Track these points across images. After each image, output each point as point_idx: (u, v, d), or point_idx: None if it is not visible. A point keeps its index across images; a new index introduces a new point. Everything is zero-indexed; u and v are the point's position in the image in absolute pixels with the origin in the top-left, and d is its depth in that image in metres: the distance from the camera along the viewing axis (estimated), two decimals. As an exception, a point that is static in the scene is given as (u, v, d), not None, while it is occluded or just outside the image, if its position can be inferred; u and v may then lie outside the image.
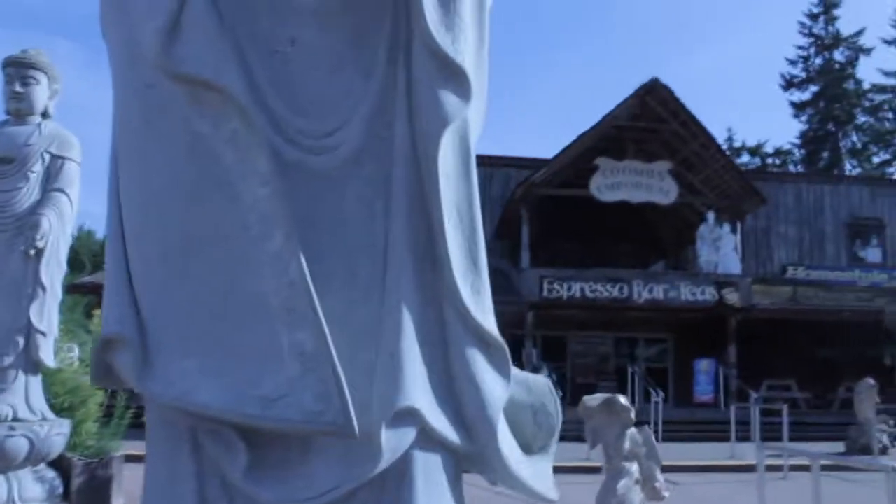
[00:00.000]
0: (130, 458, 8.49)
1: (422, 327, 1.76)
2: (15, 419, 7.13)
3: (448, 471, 1.82)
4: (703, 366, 21.82)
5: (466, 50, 1.87)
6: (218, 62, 1.67)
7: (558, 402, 2.13)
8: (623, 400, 4.93)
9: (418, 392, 1.72)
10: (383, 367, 1.68)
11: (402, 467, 1.72)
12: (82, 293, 21.46)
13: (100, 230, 38.97)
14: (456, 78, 1.82)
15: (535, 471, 1.98)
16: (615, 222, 24.25)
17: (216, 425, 1.64)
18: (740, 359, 21.32)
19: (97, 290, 16.72)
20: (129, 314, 1.72)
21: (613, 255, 24.13)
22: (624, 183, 22.49)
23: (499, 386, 1.86)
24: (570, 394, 21.42)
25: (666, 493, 5.06)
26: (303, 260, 1.61)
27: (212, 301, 1.67)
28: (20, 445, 7.01)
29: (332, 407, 1.56)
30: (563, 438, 2.27)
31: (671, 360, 24.85)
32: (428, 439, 1.75)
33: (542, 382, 2.12)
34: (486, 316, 1.86)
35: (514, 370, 1.99)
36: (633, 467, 4.89)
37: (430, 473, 1.76)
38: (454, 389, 1.81)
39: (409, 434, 1.71)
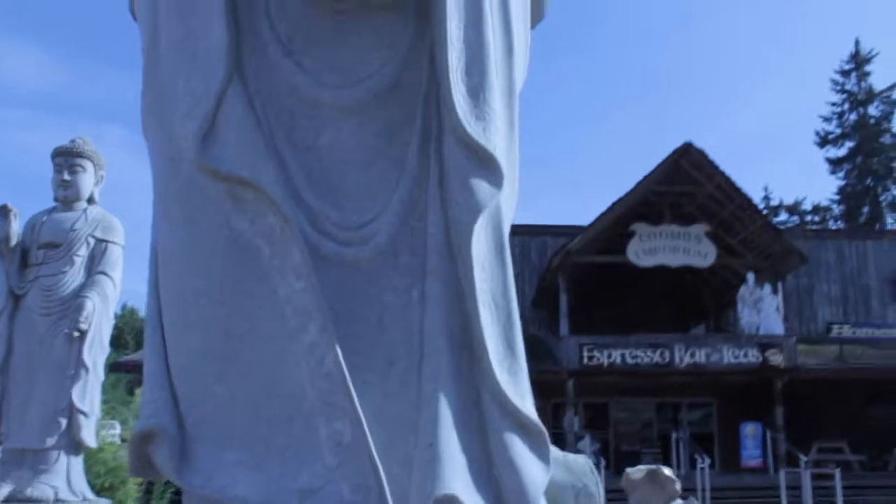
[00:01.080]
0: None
1: (459, 415, 1.76)
2: (57, 500, 7.18)
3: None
4: (750, 430, 21.27)
5: (497, 137, 1.91)
6: (254, 160, 1.73)
7: (599, 482, 2.11)
8: (668, 471, 4.83)
9: (457, 480, 1.71)
10: (421, 457, 1.68)
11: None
12: (125, 371, 21.65)
13: (142, 308, 39.49)
14: (488, 166, 1.86)
15: (578, 557, 1.95)
16: (654, 287, 24.06)
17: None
18: (788, 421, 20.75)
19: (139, 368, 16.88)
20: (167, 407, 1.75)
21: (653, 320, 23.85)
22: (661, 247, 22.39)
23: (539, 470, 1.84)
24: (614, 462, 20.98)
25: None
26: (339, 351, 1.63)
27: (250, 396, 1.69)
28: (63, 528, 7.02)
29: (371, 498, 1.56)
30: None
31: (716, 425, 24.25)
32: (468, 528, 1.73)
33: (581, 462, 2.10)
34: (523, 400, 1.86)
35: (554, 450, 1.97)
36: (681, 542, 4.76)
37: (471, 563, 1.74)
38: (493, 475, 1.80)
39: (448, 523, 1.69)
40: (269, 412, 1.67)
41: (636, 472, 4.85)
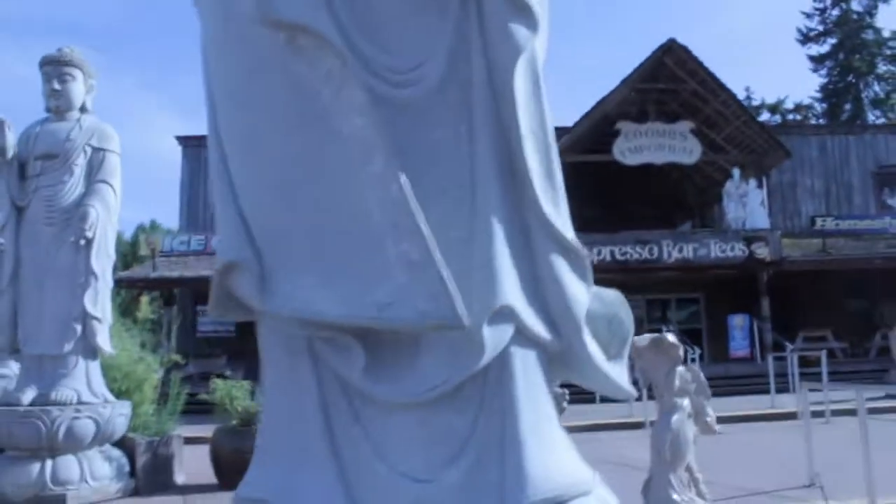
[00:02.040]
0: (187, 441, 8.78)
1: (509, 236, 1.93)
2: (80, 402, 7.42)
3: (542, 369, 2.00)
4: (737, 321, 21.87)
5: None
6: (310, 9, 1.84)
7: (630, 312, 2.28)
8: (671, 337, 5.07)
9: (512, 294, 1.89)
10: (478, 273, 1.85)
11: (503, 363, 1.89)
12: (117, 289, 21.92)
13: (126, 230, 39.62)
14: (524, 11, 1.98)
15: (615, 371, 2.15)
16: (640, 185, 24.27)
17: (333, 332, 1.83)
18: (774, 312, 21.32)
19: (133, 284, 17.08)
20: (244, 241, 1.90)
21: (640, 218, 24.16)
22: (647, 145, 22.51)
23: (581, 287, 2.03)
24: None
25: (717, 427, 5.21)
26: (404, 178, 1.78)
27: (322, 225, 1.84)
28: (87, 427, 7.30)
29: (442, 304, 1.73)
30: (603, 399, 2.46)
31: (704, 319, 24.89)
32: (523, 338, 1.93)
33: (613, 294, 2.27)
34: (565, 226, 2.03)
35: None
36: (685, 403, 5.04)
37: (527, 370, 1.94)
38: (540, 291, 1.98)
39: (507, 331, 1.88)
40: (341, 238, 1.82)
41: (641, 339, 5.09)
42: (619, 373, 2.20)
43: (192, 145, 21.75)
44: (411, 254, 1.76)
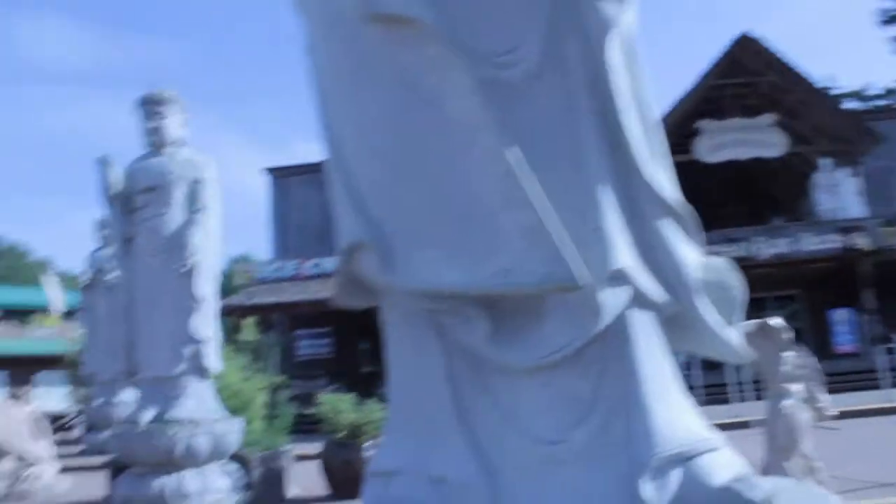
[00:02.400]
0: (295, 458, 9.02)
1: (617, 204, 1.99)
2: (195, 420, 7.74)
3: (658, 331, 2.04)
4: (840, 316, 21.06)
5: None
6: (412, 0, 1.95)
7: (739, 277, 2.30)
8: (776, 321, 4.99)
9: (626, 258, 1.95)
10: (591, 240, 1.92)
11: (621, 326, 1.95)
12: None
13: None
14: None
15: (732, 335, 2.17)
16: (725, 183, 23.73)
17: (457, 303, 1.91)
18: (879, 304, 20.46)
19: (231, 311, 17.63)
20: (365, 223, 2.01)
21: (728, 216, 23.56)
22: (729, 142, 22.03)
23: (690, 250, 2.07)
24: (702, 366, 21.08)
25: (831, 412, 5.09)
26: (514, 152, 1.86)
27: (439, 202, 1.94)
28: (203, 443, 7.60)
29: (559, 266, 1.80)
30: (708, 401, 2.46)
31: (804, 316, 24.04)
32: (640, 300, 1.98)
33: (720, 261, 2.29)
34: (670, 191, 2.07)
35: None
36: (796, 388, 4.94)
37: (646, 332, 1.99)
38: (651, 256, 2.03)
39: (623, 295, 1.94)
40: (459, 212, 1.92)
41: (746, 325, 5.01)
42: (736, 337, 2.22)
43: (280, 175, 22.44)
44: (526, 221, 1.84)
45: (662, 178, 2.08)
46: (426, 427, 2.00)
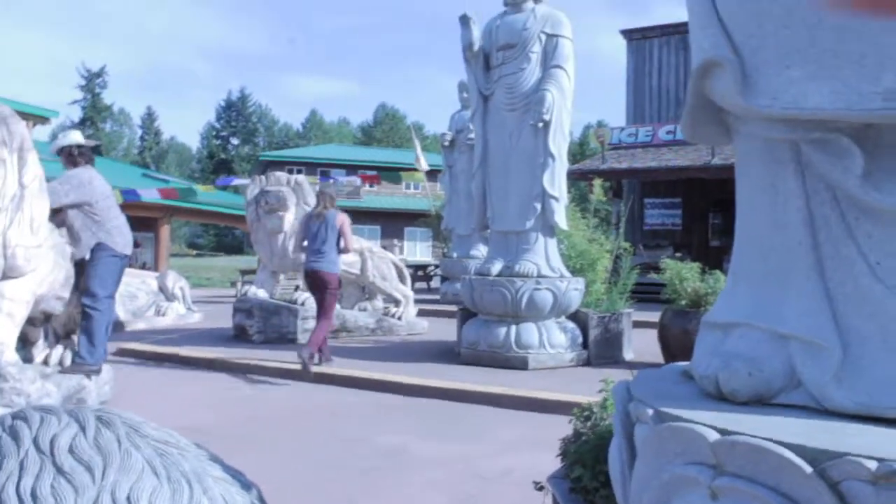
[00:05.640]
0: (634, 324, 8.97)
1: None
2: (539, 275, 7.98)
3: None
4: None
5: None
6: None
7: None
8: None
9: None
10: None
11: None
12: (569, 181, 23.04)
13: (574, 131, 41.34)
14: None
15: None
16: None
17: (825, 133, 1.58)
18: None
19: (582, 175, 17.72)
20: (722, 39, 1.72)
21: None
22: None
23: None
24: None
25: None
26: None
27: (808, 14, 1.58)
28: (546, 298, 7.84)
29: None
30: None
31: None
32: None
33: None
34: None
35: None
36: None
37: None
38: None
39: None
40: (829, 23, 1.55)
41: None
42: None
43: (636, 38, 21.59)
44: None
45: None
46: (775, 277, 1.72)
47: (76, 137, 6.49)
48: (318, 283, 7.95)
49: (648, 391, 1.84)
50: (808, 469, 1.35)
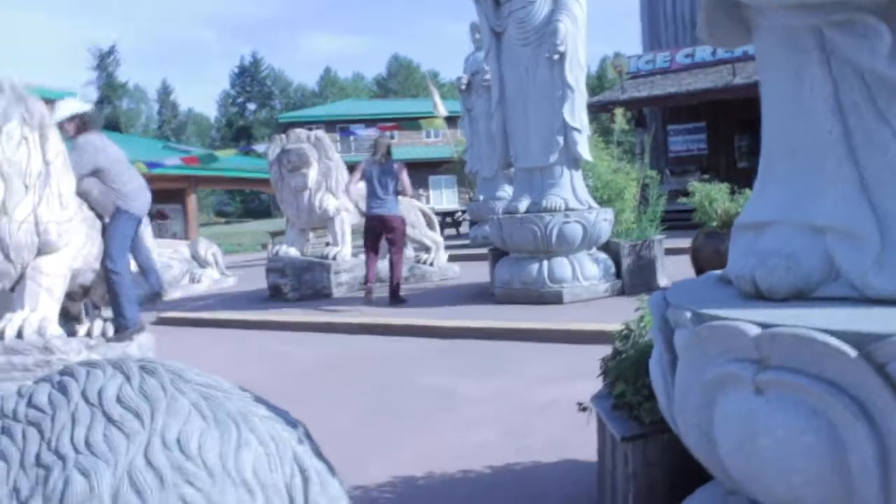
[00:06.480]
0: (666, 252, 8.90)
1: None
2: (567, 208, 7.93)
3: None
4: None
5: None
6: None
7: None
8: None
9: None
10: None
11: None
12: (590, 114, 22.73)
13: (590, 65, 40.68)
14: None
15: None
16: None
17: (849, 13, 1.53)
18: None
19: (603, 107, 17.48)
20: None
21: None
22: None
23: None
24: None
25: None
26: None
27: None
28: (575, 231, 7.80)
29: None
30: None
31: None
32: None
33: None
34: None
35: None
36: None
37: None
38: None
39: None
40: None
41: None
42: None
43: (648, -38, 21.06)
44: None
45: None
46: (807, 171, 1.69)
47: (75, 106, 6.51)
48: (385, 226, 8.68)
49: (685, 297, 1.83)
50: (853, 353, 1.33)
